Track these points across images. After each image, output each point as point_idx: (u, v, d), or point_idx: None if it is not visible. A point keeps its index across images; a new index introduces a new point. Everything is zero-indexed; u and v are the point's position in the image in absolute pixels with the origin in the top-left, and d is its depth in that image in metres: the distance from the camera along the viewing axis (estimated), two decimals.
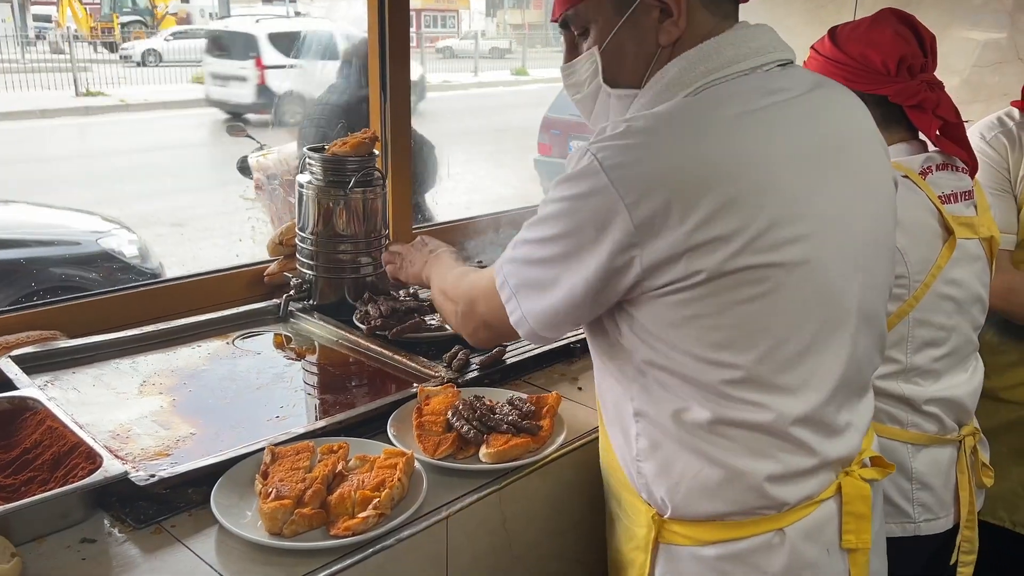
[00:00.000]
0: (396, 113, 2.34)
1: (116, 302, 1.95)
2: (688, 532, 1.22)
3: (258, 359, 1.84)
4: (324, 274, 2.05)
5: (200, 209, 7.83)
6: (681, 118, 1.11)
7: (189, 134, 11.26)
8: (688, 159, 1.07)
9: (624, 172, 1.07)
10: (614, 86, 1.25)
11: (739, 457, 1.16)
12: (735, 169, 1.08)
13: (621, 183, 1.07)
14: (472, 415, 1.51)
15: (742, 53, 1.17)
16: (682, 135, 1.09)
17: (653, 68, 1.21)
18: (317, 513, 1.25)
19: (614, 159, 1.08)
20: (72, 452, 1.34)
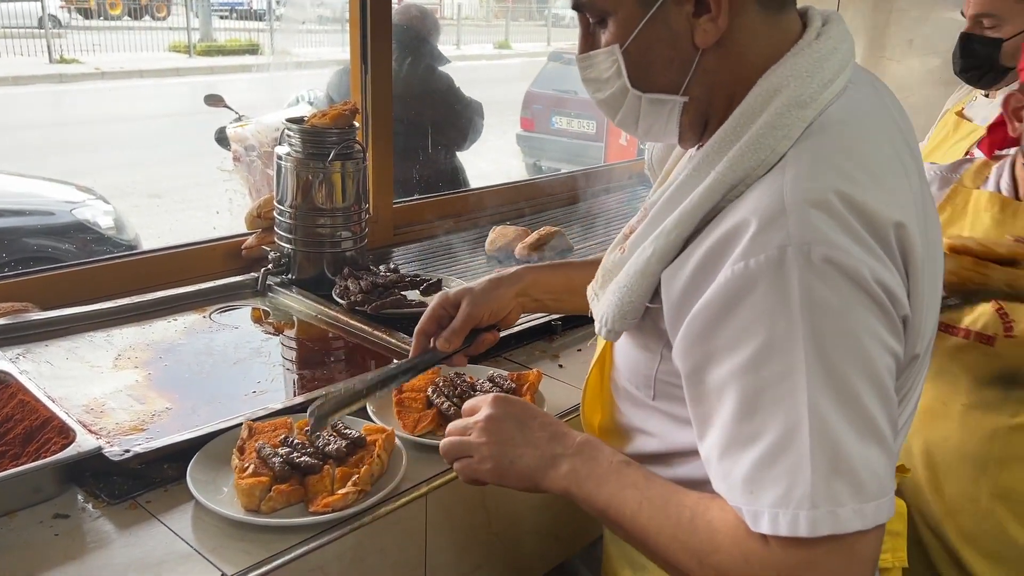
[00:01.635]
0: (377, 85, 2.31)
1: (91, 274, 1.92)
2: None
3: (235, 333, 1.82)
4: (303, 248, 2.02)
5: (177, 180, 7.73)
6: (842, 160, 0.92)
7: (166, 103, 11.09)
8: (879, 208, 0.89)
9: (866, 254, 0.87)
10: (646, 91, 1.03)
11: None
12: (912, 207, 0.95)
13: (872, 267, 0.87)
14: (452, 392, 1.50)
15: (840, 62, 0.99)
16: (862, 182, 0.90)
17: (695, 72, 1.00)
18: (295, 489, 1.24)
19: (848, 248, 0.86)
20: (44, 427, 1.32)
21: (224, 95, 4.62)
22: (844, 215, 0.87)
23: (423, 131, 3.58)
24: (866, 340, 0.87)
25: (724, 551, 0.91)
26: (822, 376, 0.85)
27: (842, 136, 0.94)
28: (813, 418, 0.84)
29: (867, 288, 0.86)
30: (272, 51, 14.38)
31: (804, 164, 0.91)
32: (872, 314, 0.87)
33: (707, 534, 0.93)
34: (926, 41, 3.22)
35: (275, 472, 1.24)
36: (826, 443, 0.84)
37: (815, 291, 0.85)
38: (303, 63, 7.86)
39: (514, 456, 1.09)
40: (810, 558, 0.85)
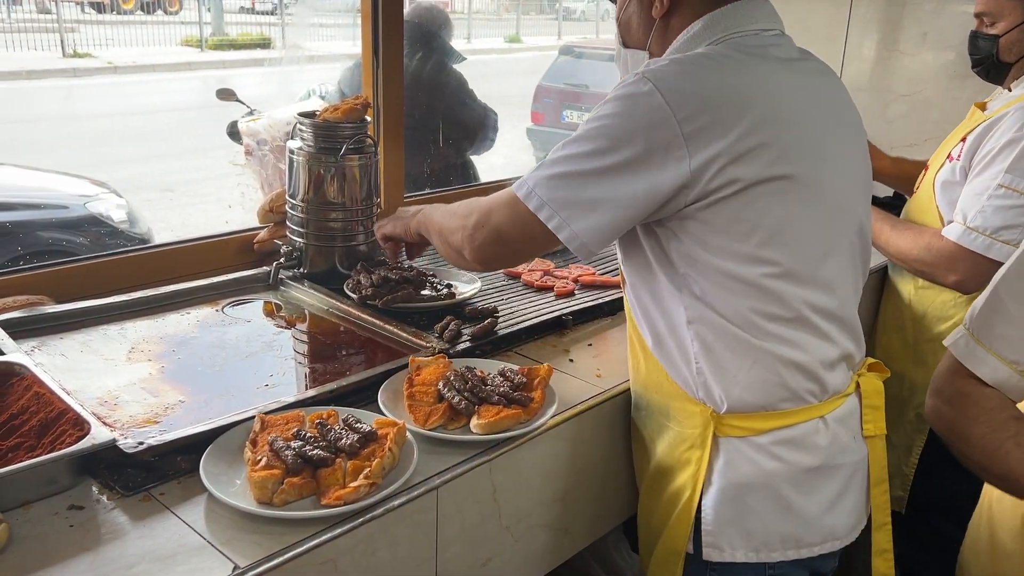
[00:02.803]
0: (388, 80, 2.31)
1: (104, 267, 1.93)
2: (744, 423, 1.40)
3: (248, 327, 1.83)
4: (314, 242, 2.03)
5: (189, 174, 7.76)
6: (720, 55, 1.36)
7: (178, 97, 11.13)
8: (730, 82, 1.31)
9: (675, 89, 1.28)
10: (627, 47, 1.57)
11: (785, 347, 1.37)
12: (767, 96, 1.32)
13: (672, 98, 1.27)
14: (463, 386, 1.50)
15: (751, 18, 1.41)
16: (724, 65, 1.34)
17: (654, 34, 1.50)
18: (307, 482, 1.25)
19: (666, 79, 1.29)
20: (59, 418, 1.33)
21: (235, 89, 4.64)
22: (692, 80, 1.31)
23: (434, 127, 3.59)
24: (623, 132, 1.30)
25: (463, 206, 1.54)
26: (592, 139, 1.32)
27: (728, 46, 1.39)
28: (570, 156, 1.34)
29: (661, 116, 1.27)
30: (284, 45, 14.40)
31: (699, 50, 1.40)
32: (646, 129, 1.28)
33: (466, 204, 1.54)
34: (940, 35, 3.19)
35: (287, 465, 1.25)
36: (550, 162, 1.36)
37: (626, 91, 1.31)
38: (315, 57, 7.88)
39: (400, 218, 1.77)
40: (500, 202, 1.43)
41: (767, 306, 1.36)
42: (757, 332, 1.37)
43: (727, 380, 1.40)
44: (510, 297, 2.03)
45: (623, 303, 2.05)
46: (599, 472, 1.68)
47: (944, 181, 2.14)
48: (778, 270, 1.34)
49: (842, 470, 1.46)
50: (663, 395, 1.49)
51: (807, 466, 1.41)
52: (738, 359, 1.38)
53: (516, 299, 2.02)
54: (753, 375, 1.39)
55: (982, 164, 2.02)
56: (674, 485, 1.48)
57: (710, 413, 1.42)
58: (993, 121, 2.06)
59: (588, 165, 1.32)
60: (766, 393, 1.39)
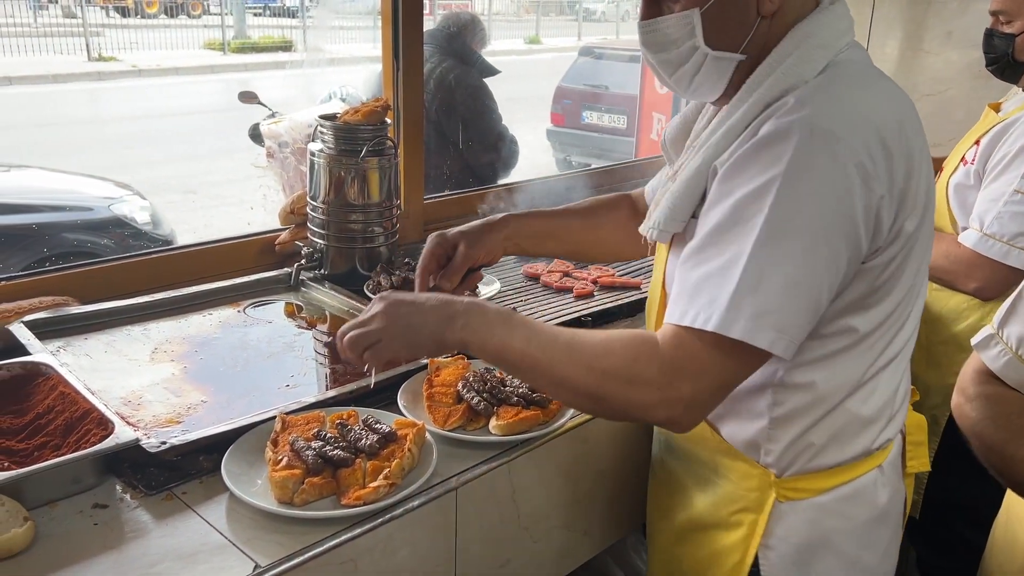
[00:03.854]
0: (408, 82, 2.32)
1: (128, 269, 1.95)
2: (806, 485, 1.29)
3: (269, 328, 1.84)
4: (335, 243, 2.04)
5: (212, 176, 7.83)
6: (860, 82, 1.17)
7: (201, 100, 11.23)
8: (884, 118, 1.13)
9: (851, 134, 1.09)
10: (715, 48, 1.21)
11: (874, 402, 1.26)
12: (909, 129, 1.16)
13: (854, 148, 1.08)
14: (482, 387, 1.50)
15: (847, 25, 1.24)
16: (872, 95, 1.16)
17: (753, 36, 1.21)
18: (327, 482, 1.25)
19: (835, 123, 1.09)
20: (84, 418, 1.34)
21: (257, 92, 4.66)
22: (850, 114, 1.10)
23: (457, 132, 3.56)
24: (831, 205, 1.07)
25: (615, 354, 1.11)
26: (779, 220, 1.06)
27: (853, 67, 1.19)
28: (755, 252, 1.06)
29: (847, 165, 1.06)
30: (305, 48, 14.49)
31: (826, 80, 1.16)
32: (845, 189, 1.07)
33: (600, 345, 1.13)
34: (965, 33, 3.16)
35: (308, 465, 1.26)
36: (755, 274, 1.05)
37: (805, 154, 1.06)
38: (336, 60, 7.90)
39: (417, 325, 1.21)
40: (694, 352, 1.08)
41: (874, 361, 1.24)
42: (854, 391, 1.24)
43: (802, 445, 1.26)
44: (529, 298, 2.03)
45: (641, 306, 2.05)
46: (618, 474, 1.68)
47: (957, 185, 2.12)
48: (893, 323, 1.22)
49: (892, 515, 1.37)
50: (708, 450, 1.36)
51: (867, 518, 1.31)
52: (825, 422, 1.25)
53: (535, 300, 2.02)
54: (833, 437, 1.26)
55: (997, 169, 1.99)
56: (718, 545, 1.36)
57: (772, 478, 1.28)
58: (1008, 124, 2.03)
59: (807, 262, 1.08)
60: (840, 453, 1.28)
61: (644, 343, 1.11)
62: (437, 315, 1.20)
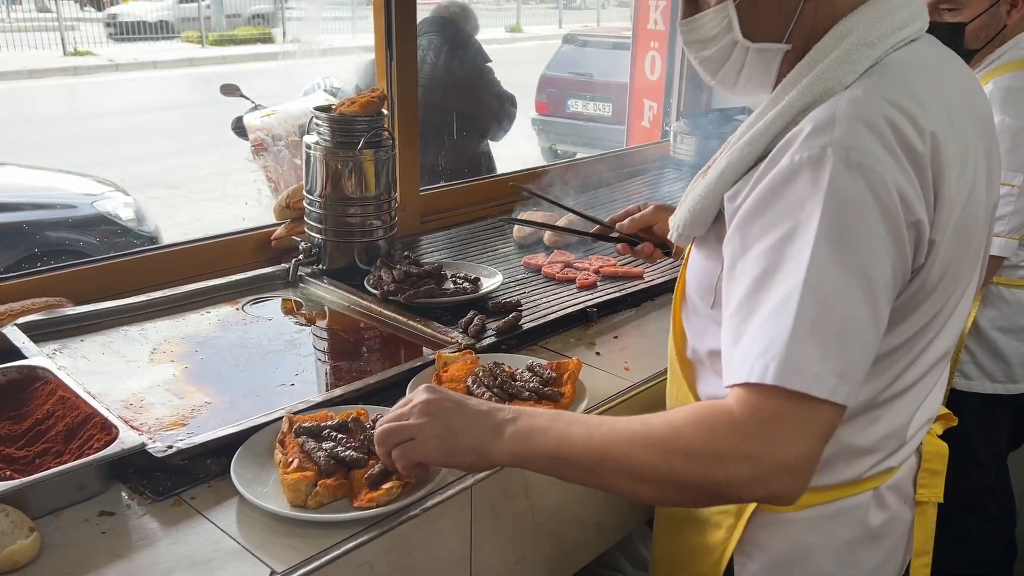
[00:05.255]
0: (402, 72, 2.28)
1: (121, 268, 1.91)
2: None
3: (269, 325, 1.80)
4: (333, 238, 2.00)
5: (195, 171, 7.74)
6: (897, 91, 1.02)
7: (180, 94, 11.10)
8: (931, 137, 1.00)
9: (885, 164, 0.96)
10: (756, 40, 1.13)
11: (867, 432, 1.15)
12: (956, 141, 1.03)
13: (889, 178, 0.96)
14: (492, 382, 1.48)
15: (910, 15, 1.09)
16: (916, 109, 1.00)
17: (798, 21, 1.10)
18: (341, 483, 1.22)
19: (869, 154, 0.96)
20: (86, 423, 1.31)
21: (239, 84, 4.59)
22: (886, 133, 0.97)
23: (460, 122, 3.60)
24: (873, 240, 0.96)
25: (688, 433, 0.97)
26: (827, 258, 0.94)
27: (901, 73, 1.05)
28: (807, 292, 0.94)
29: (887, 195, 0.96)
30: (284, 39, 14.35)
31: (861, 89, 1.02)
32: (883, 221, 0.96)
33: (666, 426, 0.99)
34: None
35: (320, 466, 1.23)
36: (811, 315, 0.93)
37: (842, 186, 0.95)
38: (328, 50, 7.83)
39: (459, 430, 1.09)
40: (772, 413, 0.93)
41: (882, 389, 1.13)
42: (852, 422, 1.14)
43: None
44: (532, 290, 2.00)
45: (649, 295, 2.04)
46: None
47: None
48: (902, 359, 1.12)
49: (887, 539, 1.26)
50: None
51: (852, 538, 1.22)
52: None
53: (538, 292, 1.99)
54: (825, 461, 1.09)
55: None
56: (697, 542, 1.31)
57: None
58: None
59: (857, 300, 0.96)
60: (829, 477, 1.18)
61: (715, 413, 0.97)
62: (484, 421, 1.09)
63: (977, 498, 2.29)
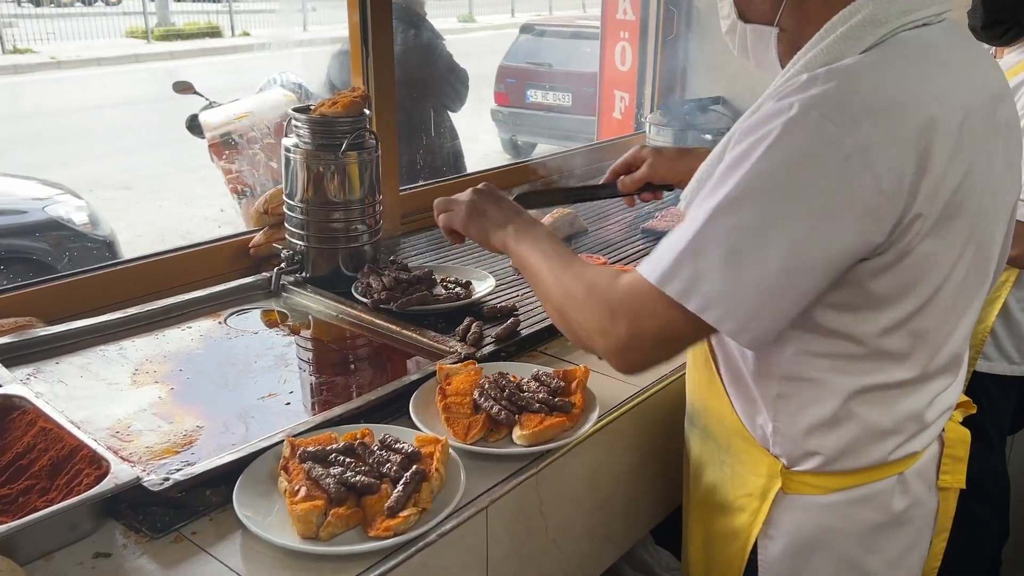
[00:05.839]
0: (380, 68, 2.20)
1: (94, 282, 1.80)
2: (815, 482, 1.22)
3: (255, 339, 1.72)
4: (316, 244, 1.92)
5: (147, 170, 7.52)
6: (897, 66, 1.04)
7: (127, 91, 10.79)
8: (919, 110, 1.01)
9: (855, 119, 0.98)
10: (747, 21, 1.22)
11: (893, 418, 1.18)
12: (957, 122, 1.04)
13: (854, 134, 0.98)
14: (500, 394, 1.42)
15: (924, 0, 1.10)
16: (908, 83, 1.03)
17: (786, 6, 1.16)
18: (354, 512, 1.15)
19: (840, 108, 0.99)
20: (72, 456, 1.22)
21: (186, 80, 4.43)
22: (866, 99, 1.00)
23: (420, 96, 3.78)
24: (806, 192, 0.99)
25: (584, 279, 1.17)
26: (744, 191, 1.01)
27: (900, 51, 1.06)
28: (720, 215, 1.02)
29: (844, 155, 0.97)
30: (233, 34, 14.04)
31: (861, 61, 1.05)
32: (834, 178, 0.98)
33: (580, 269, 1.20)
34: None
35: (329, 495, 1.16)
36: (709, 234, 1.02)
37: (792, 136, 0.99)
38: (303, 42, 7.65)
39: (487, 216, 1.40)
40: (633, 294, 1.09)
41: (890, 375, 1.15)
42: (867, 400, 1.16)
43: (812, 443, 1.20)
44: (525, 292, 1.94)
45: None
46: (638, 474, 1.61)
47: None
48: (918, 336, 1.13)
49: (912, 524, 1.28)
50: (724, 428, 1.31)
51: (876, 523, 1.24)
52: (832, 425, 1.18)
53: (531, 294, 1.93)
54: (846, 441, 1.18)
55: None
56: (723, 526, 1.33)
57: (780, 468, 1.23)
58: (1013, 87, 1.99)
59: (760, 238, 1.00)
60: (854, 460, 1.20)
61: (611, 276, 1.15)
62: (502, 217, 1.38)
63: (982, 481, 2.29)
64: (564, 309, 1.20)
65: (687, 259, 1.03)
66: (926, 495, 1.29)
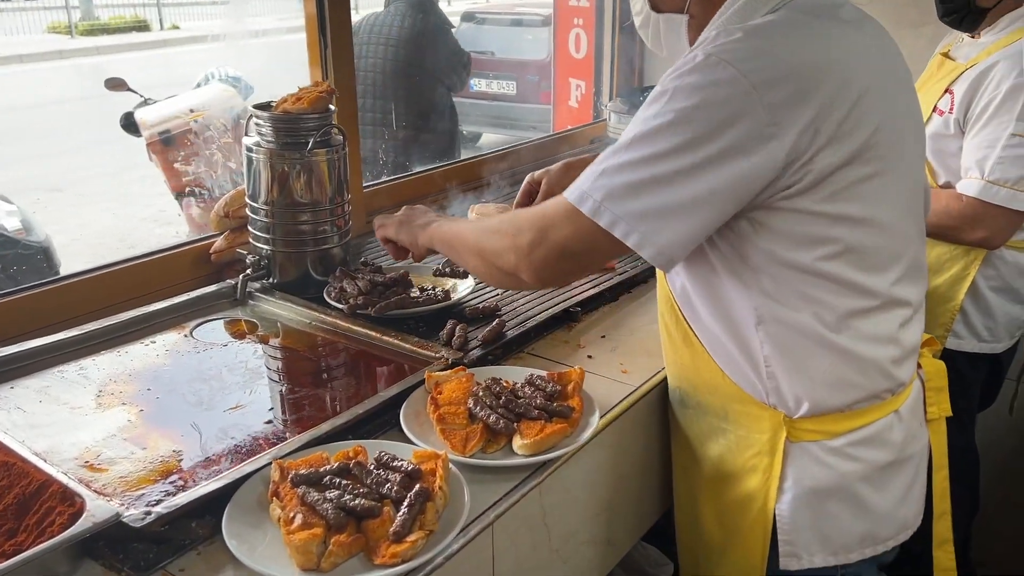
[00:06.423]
0: (339, 61, 2.10)
1: (43, 298, 1.68)
2: (819, 427, 1.28)
3: (225, 352, 1.62)
4: (283, 248, 1.82)
5: (78, 172, 7.21)
6: (796, 22, 1.18)
7: (54, 89, 10.34)
8: (816, 58, 1.14)
9: (757, 68, 1.10)
10: (658, 10, 1.34)
11: (867, 344, 1.25)
12: (854, 70, 1.16)
13: (756, 79, 1.10)
14: (495, 402, 1.35)
15: None
16: (806, 36, 1.17)
17: None
18: (356, 539, 1.08)
19: (745, 58, 1.11)
20: (41, 492, 1.12)
21: (121, 77, 4.24)
22: (763, 46, 1.13)
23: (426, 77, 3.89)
24: (707, 124, 1.10)
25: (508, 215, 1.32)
26: (650, 127, 1.13)
27: (797, 12, 1.19)
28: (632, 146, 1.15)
29: (742, 91, 1.09)
30: (162, 28, 13.60)
31: (762, 22, 1.18)
32: (730, 111, 1.10)
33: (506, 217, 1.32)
34: None
35: (328, 521, 1.08)
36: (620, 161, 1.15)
37: (695, 75, 1.12)
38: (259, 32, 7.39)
39: (412, 222, 1.56)
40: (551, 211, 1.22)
41: (852, 300, 1.23)
42: (840, 329, 1.24)
43: (804, 383, 1.27)
44: (505, 292, 1.87)
45: (625, 287, 1.94)
46: (637, 476, 1.57)
47: (934, 135, 2.08)
48: (865, 261, 1.22)
49: (912, 460, 1.38)
50: (719, 396, 1.35)
51: (882, 463, 1.32)
52: (818, 360, 1.25)
53: (513, 293, 1.86)
54: (834, 376, 1.26)
55: (986, 115, 1.95)
56: (739, 493, 1.35)
57: (782, 418, 1.28)
58: (984, 69, 1.99)
59: (666, 167, 1.12)
60: (846, 395, 1.27)
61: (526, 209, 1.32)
62: (427, 220, 1.54)
63: (953, 457, 2.31)
64: (481, 244, 1.33)
65: (601, 182, 1.16)
66: (919, 430, 1.40)
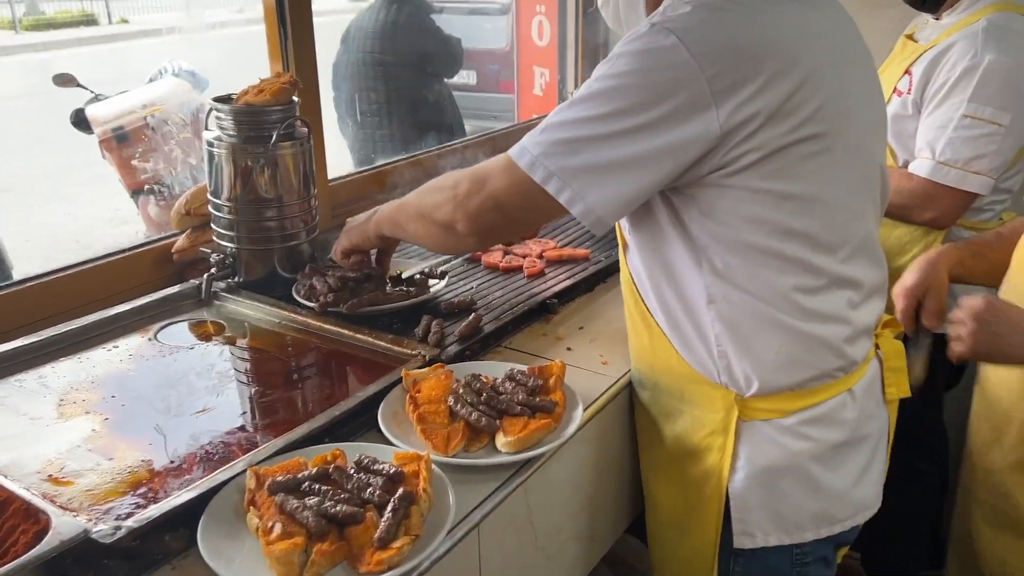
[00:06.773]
0: (300, 48, 2.04)
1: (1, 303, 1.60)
2: (770, 406, 1.30)
3: (191, 355, 1.56)
4: (248, 245, 1.76)
5: (28, 171, 7.00)
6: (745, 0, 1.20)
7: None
8: (763, 33, 1.16)
9: (701, 40, 1.13)
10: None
11: (815, 323, 1.26)
12: (800, 46, 1.18)
13: (699, 50, 1.12)
14: (476, 399, 1.32)
15: None
16: (748, 11, 1.18)
17: None
18: (339, 547, 1.04)
19: (690, 30, 1.14)
20: (2, 510, 1.06)
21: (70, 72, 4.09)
22: (706, 18, 1.16)
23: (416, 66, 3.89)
24: (646, 89, 1.14)
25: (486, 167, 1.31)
26: (594, 89, 1.17)
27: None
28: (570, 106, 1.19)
29: (682, 59, 1.12)
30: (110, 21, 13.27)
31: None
32: (669, 78, 1.13)
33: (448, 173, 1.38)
34: None
35: (309, 529, 1.04)
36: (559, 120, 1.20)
37: (638, 42, 1.16)
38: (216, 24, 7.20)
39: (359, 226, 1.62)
40: (490, 166, 1.29)
41: (798, 279, 1.24)
42: (788, 308, 1.25)
43: (754, 362, 1.28)
44: (480, 284, 1.84)
45: (600, 277, 1.91)
46: (618, 469, 1.55)
47: (894, 116, 2.08)
48: (811, 240, 1.23)
49: (868, 440, 1.39)
50: (675, 377, 1.37)
51: (835, 442, 1.33)
52: (767, 339, 1.27)
53: (487, 286, 1.83)
54: (783, 355, 1.27)
55: (940, 95, 1.97)
56: (694, 473, 1.37)
57: (733, 397, 1.30)
58: (940, 51, 2.01)
59: (603, 128, 1.16)
60: (796, 373, 1.29)
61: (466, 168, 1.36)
62: (368, 214, 1.61)
63: (922, 436, 2.33)
64: (421, 202, 1.40)
65: (541, 138, 1.20)
66: (877, 410, 1.40)
